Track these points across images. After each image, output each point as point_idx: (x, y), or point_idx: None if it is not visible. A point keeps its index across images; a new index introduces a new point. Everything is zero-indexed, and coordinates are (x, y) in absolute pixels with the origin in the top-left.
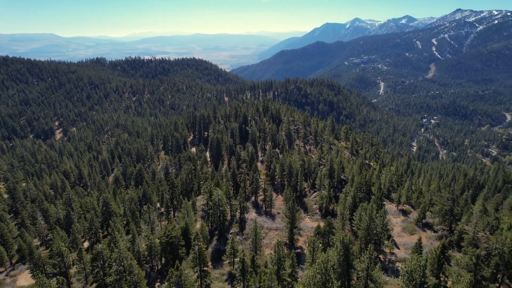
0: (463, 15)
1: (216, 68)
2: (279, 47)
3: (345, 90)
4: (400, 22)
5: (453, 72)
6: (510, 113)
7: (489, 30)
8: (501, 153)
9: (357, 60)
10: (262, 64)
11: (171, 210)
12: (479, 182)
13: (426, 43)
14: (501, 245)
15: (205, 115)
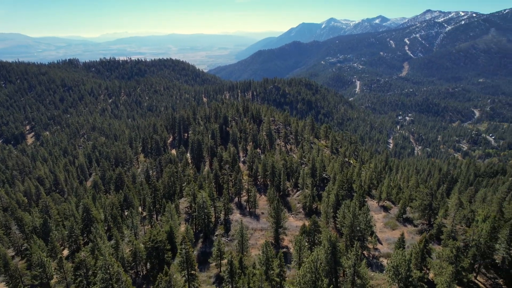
0: (432, 15)
1: (194, 68)
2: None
3: (323, 89)
4: (374, 22)
5: (425, 70)
6: (478, 110)
7: (457, 30)
8: (471, 148)
9: (334, 60)
10: (240, 64)
11: (153, 214)
12: (452, 176)
13: (399, 43)
14: (477, 237)
15: (184, 117)
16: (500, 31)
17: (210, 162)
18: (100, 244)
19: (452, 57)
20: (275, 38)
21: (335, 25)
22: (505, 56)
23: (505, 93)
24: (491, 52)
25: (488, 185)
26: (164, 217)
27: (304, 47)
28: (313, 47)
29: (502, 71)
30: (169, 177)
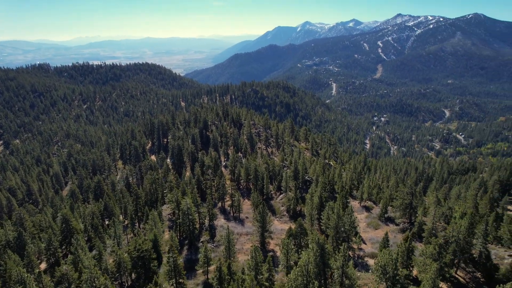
0: (403, 19)
1: (170, 72)
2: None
3: (300, 92)
4: (348, 25)
5: (398, 72)
6: (448, 110)
7: (426, 34)
8: (443, 147)
9: (310, 62)
10: (217, 67)
11: (136, 222)
12: (428, 175)
13: (372, 45)
14: (456, 233)
15: (163, 122)
16: (465, 35)
17: (191, 167)
18: (81, 256)
19: (423, 59)
20: (252, 42)
21: (310, 28)
22: (471, 58)
23: (472, 94)
24: (458, 54)
25: (461, 182)
26: (148, 225)
27: (281, 50)
28: (289, 50)
29: (468, 72)
30: (150, 184)
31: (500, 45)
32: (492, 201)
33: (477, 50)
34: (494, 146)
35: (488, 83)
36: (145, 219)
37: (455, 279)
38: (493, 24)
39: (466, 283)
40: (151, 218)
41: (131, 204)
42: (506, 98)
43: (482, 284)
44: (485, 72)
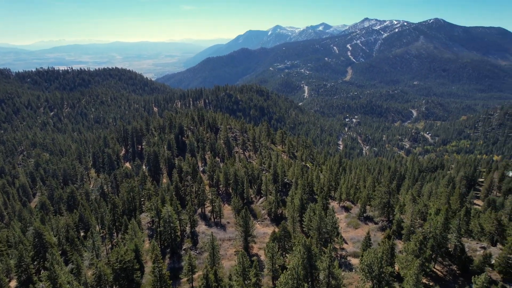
0: (370, 23)
1: (141, 77)
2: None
3: (274, 95)
4: (318, 29)
5: (367, 74)
6: (415, 110)
7: (392, 37)
8: (412, 146)
9: (281, 66)
10: (189, 71)
11: (114, 232)
12: (400, 173)
13: (342, 49)
14: (433, 229)
15: (137, 128)
16: (428, 39)
17: (169, 173)
18: (58, 271)
19: (390, 62)
20: (223, 45)
21: (281, 32)
22: (433, 61)
23: (436, 94)
24: (422, 57)
25: (431, 179)
26: (128, 234)
27: (253, 54)
28: (261, 54)
29: (432, 74)
30: (128, 192)
31: (459, 48)
32: (461, 196)
33: (439, 53)
34: (458, 144)
35: (450, 84)
36: (124, 229)
37: (433, 272)
38: (452, 29)
39: (444, 276)
40: (131, 228)
41: (108, 214)
42: (466, 98)
43: (458, 276)
44: (447, 74)
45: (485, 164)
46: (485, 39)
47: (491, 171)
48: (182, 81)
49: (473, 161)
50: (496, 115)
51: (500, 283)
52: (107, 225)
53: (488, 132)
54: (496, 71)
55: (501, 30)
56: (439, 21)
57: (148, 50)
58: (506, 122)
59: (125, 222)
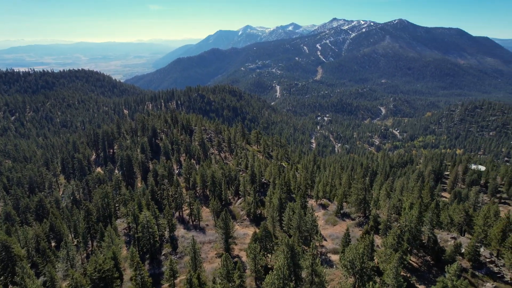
0: (338, 23)
1: (110, 79)
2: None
3: (246, 95)
4: (288, 29)
5: (336, 73)
6: (384, 107)
7: (360, 37)
8: (382, 142)
9: (253, 66)
10: (159, 72)
11: (89, 240)
12: (373, 169)
13: (312, 48)
14: (409, 222)
15: (108, 131)
16: (393, 38)
17: (143, 177)
18: (29, 285)
19: (358, 61)
20: (194, 46)
21: (251, 32)
22: (399, 60)
23: (403, 92)
24: (388, 56)
25: (402, 174)
26: (104, 242)
27: (223, 54)
28: (232, 54)
29: (398, 72)
30: (102, 198)
31: (422, 48)
32: (431, 190)
33: (404, 52)
34: (425, 139)
35: (415, 82)
36: (100, 237)
37: (410, 264)
38: (415, 29)
39: (419, 267)
40: (108, 235)
41: (82, 222)
42: (430, 95)
43: (432, 266)
44: (412, 72)
45: (450, 158)
46: (445, 39)
47: (456, 165)
48: (152, 82)
49: (439, 156)
50: (457, 111)
51: (470, 271)
52: (81, 234)
53: (451, 128)
54: (456, 69)
55: (459, 31)
56: (403, 22)
57: (115, 50)
58: (466, 118)
59: (101, 229)
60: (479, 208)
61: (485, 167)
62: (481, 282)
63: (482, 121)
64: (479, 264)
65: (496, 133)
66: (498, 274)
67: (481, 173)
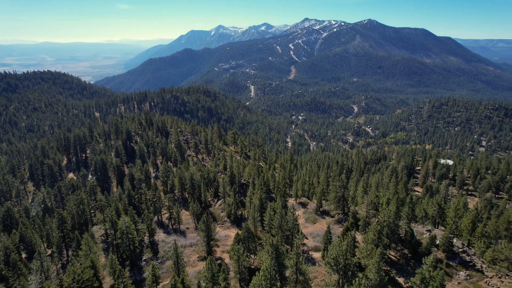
0: (310, 23)
1: (79, 81)
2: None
3: (221, 96)
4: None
5: (309, 73)
6: (356, 105)
7: (331, 37)
8: (355, 139)
9: (227, 66)
10: (130, 73)
11: (63, 249)
12: (348, 167)
13: (285, 48)
14: (387, 218)
15: (80, 135)
16: (363, 38)
17: (119, 182)
18: None
19: (330, 60)
20: (165, 46)
21: (224, 32)
22: (370, 59)
23: (374, 90)
24: (359, 55)
25: (376, 171)
26: (81, 250)
27: (196, 54)
28: (205, 54)
29: (369, 71)
30: (77, 205)
31: (391, 47)
32: (405, 185)
33: (374, 52)
34: (396, 136)
35: (385, 80)
36: (76, 245)
37: (389, 258)
38: (384, 29)
39: (398, 260)
40: (85, 243)
41: (56, 231)
42: (400, 93)
43: (410, 259)
44: (382, 71)
45: (421, 154)
46: (412, 39)
47: (426, 160)
48: (123, 84)
49: (411, 152)
50: (425, 108)
51: (444, 261)
52: (55, 243)
53: (420, 124)
54: (423, 68)
55: (424, 31)
56: (373, 22)
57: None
58: (434, 114)
59: (77, 237)
60: (449, 200)
61: (452, 161)
62: (455, 271)
63: (448, 117)
64: (453, 254)
65: (460, 128)
66: (470, 263)
67: (449, 167)
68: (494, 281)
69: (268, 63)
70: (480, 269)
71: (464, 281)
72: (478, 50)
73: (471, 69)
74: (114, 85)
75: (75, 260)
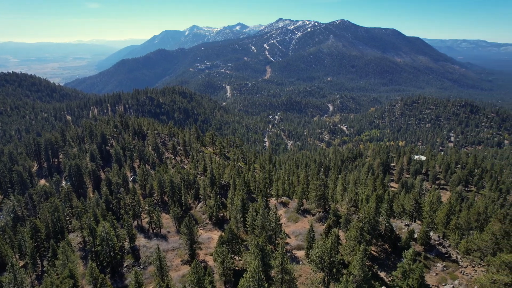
0: (284, 23)
1: (47, 83)
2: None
3: (197, 96)
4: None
5: (285, 72)
6: (331, 104)
7: (305, 37)
8: (331, 138)
9: (202, 66)
10: (102, 75)
11: (38, 260)
12: (326, 165)
13: (260, 48)
14: (368, 214)
15: (52, 140)
16: (337, 38)
17: (95, 187)
18: None
19: (305, 60)
20: (139, 46)
21: (198, 32)
22: (343, 58)
23: (348, 89)
24: (333, 55)
25: (353, 168)
26: (58, 260)
27: (171, 55)
28: (179, 55)
29: (343, 70)
30: (52, 213)
31: (364, 47)
32: (382, 181)
33: (347, 51)
34: (370, 133)
35: (359, 79)
36: (51, 254)
37: (371, 253)
38: (356, 29)
39: (378, 255)
40: (62, 252)
41: (29, 240)
42: (373, 92)
43: (390, 253)
44: (355, 70)
45: (395, 150)
46: (383, 39)
47: (401, 156)
48: (95, 86)
49: (385, 149)
50: (398, 106)
51: (422, 254)
52: (28, 253)
53: (393, 121)
54: (394, 67)
55: (394, 31)
56: (345, 22)
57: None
58: (406, 112)
59: (53, 246)
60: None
61: (425, 157)
62: (432, 263)
63: (419, 114)
64: (430, 247)
65: (431, 125)
66: (446, 254)
67: (422, 163)
68: (468, 270)
69: (243, 63)
70: (455, 259)
71: (441, 272)
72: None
73: (438, 68)
74: (85, 87)
75: (52, 270)
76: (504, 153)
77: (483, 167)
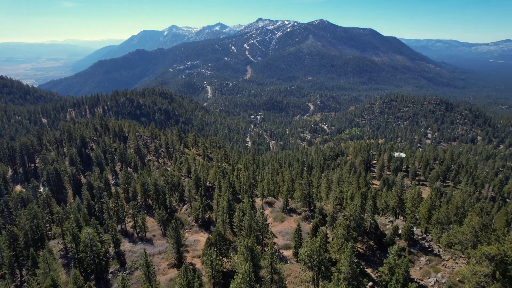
0: (264, 23)
1: (20, 84)
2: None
3: (178, 97)
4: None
5: (265, 72)
6: (312, 103)
7: (285, 37)
8: (313, 137)
9: (182, 67)
10: (79, 76)
11: (16, 270)
12: (309, 164)
13: (240, 48)
14: (353, 212)
15: (28, 144)
16: (316, 38)
17: (76, 192)
18: None
19: (285, 60)
20: (116, 47)
21: (177, 32)
22: (323, 58)
23: (328, 88)
24: (313, 54)
25: (335, 166)
26: (39, 269)
27: (150, 55)
28: (158, 55)
29: (322, 70)
30: (30, 220)
31: (343, 46)
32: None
33: (327, 51)
34: (351, 131)
35: (338, 78)
36: (31, 263)
37: (357, 250)
38: (335, 29)
39: (365, 252)
40: (43, 260)
41: (6, 249)
42: (352, 91)
43: (375, 250)
44: (335, 69)
45: (376, 148)
46: (361, 39)
47: (381, 154)
48: (72, 87)
49: (366, 147)
50: (377, 104)
51: (407, 249)
52: (6, 263)
53: (372, 119)
54: (373, 66)
55: (372, 31)
56: (324, 22)
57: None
58: (384, 110)
59: (33, 255)
60: (404, 191)
61: (405, 154)
62: (416, 258)
63: (398, 112)
64: (413, 242)
65: (409, 123)
66: (429, 249)
67: (402, 160)
68: (450, 263)
69: (224, 63)
70: (437, 253)
71: (425, 265)
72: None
73: (415, 67)
74: (61, 89)
75: (32, 280)
76: (477, 148)
77: (459, 162)
